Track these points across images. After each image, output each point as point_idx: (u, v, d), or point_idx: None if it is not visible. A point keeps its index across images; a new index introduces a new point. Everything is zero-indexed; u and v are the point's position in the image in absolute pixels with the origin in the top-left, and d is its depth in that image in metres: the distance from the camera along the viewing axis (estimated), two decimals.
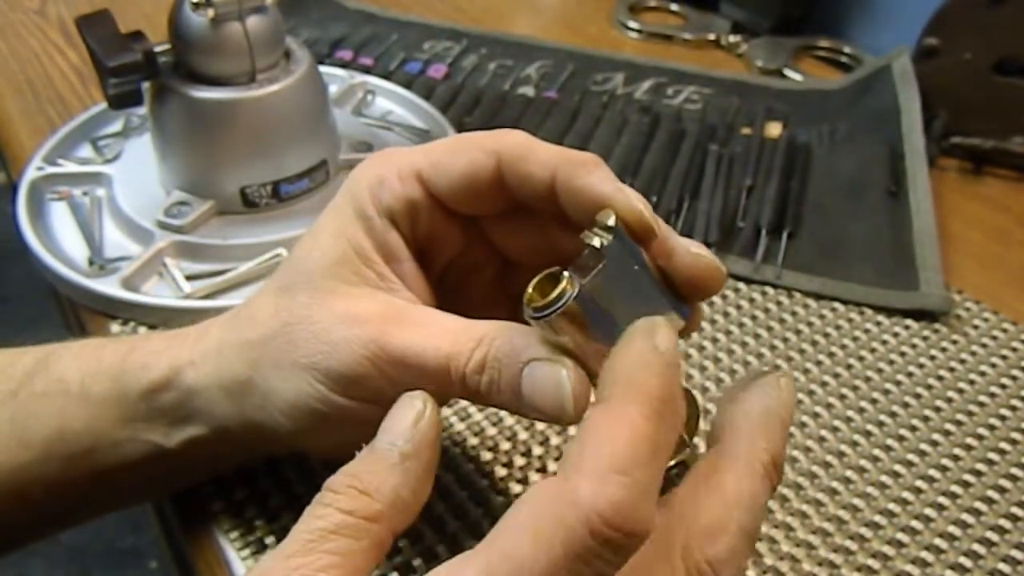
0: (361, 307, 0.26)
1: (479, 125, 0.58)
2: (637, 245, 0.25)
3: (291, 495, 0.34)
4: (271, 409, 0.27)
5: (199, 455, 0.30)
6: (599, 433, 0.21)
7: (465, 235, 0.29)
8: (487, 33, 0.70)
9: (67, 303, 0.45)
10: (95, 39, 0.41)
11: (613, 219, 0.24)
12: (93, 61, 0.42)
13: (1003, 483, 0.36)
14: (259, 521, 0.33)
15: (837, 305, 0.45)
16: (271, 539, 0.33)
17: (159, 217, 0.45)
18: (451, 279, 0.30)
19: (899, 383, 0.41)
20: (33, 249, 0.44)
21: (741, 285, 0.47)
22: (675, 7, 0.76)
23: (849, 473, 0.36)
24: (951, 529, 0.34)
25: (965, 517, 0.35)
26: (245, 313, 0.29)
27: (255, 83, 0.44)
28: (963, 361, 0.42)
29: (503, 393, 0.24)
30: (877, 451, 0.37)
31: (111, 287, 0.41)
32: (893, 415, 0.39)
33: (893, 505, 0.35)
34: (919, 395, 0.40)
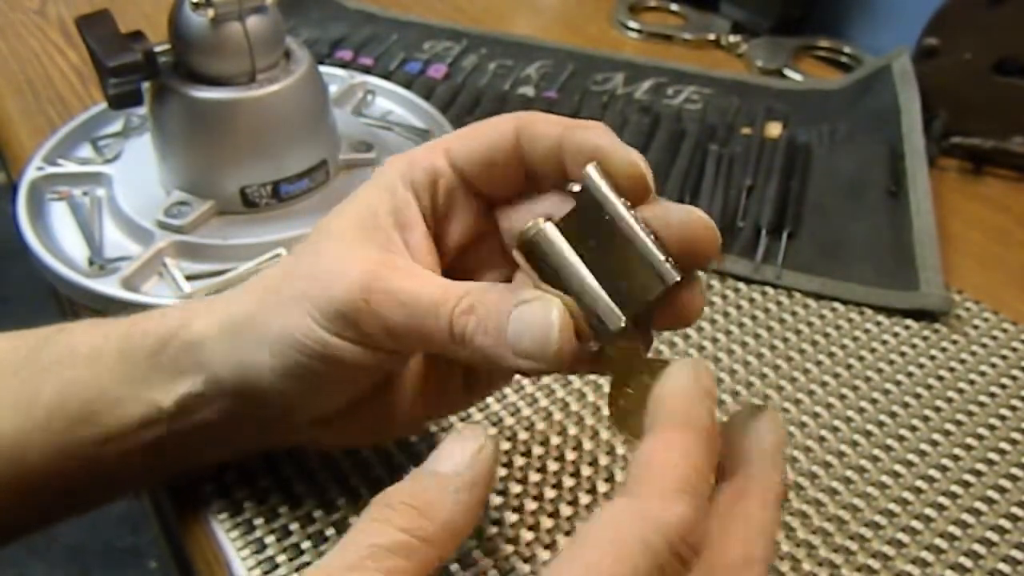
0: (363, 252, 0.27)
1: None
2: (622, 198, 0.24)
3: (290, 495, 0.34)
4: (263, 346, 0.28)
5: (192, 421, 0.30)
6: (664, 456, 0.22)
7: (480, 220, 0.29)
8: (487, 33, 0.70)
9: (67, 303, 0.45)
10: (95, 39, 0.41)
11: (592, 166, 0.25)
12: (93, 61, 0.42)
13: (1003, 483, 0.36)
14: (258, 520, 0.33)
15: (837, 305, 0.45)
16: (271, 538, 0.33)
17: (159, 217, 0.45)
18: (464, 270, 0.30)
19: (899, 383, 0.41)
20: (33, 249, 0.44)
21: (741, 285, 0.47)
22: (675, 7, 0.76)
23: (849, 473, 0.36)
24: (951, 529, 0.34)
25: (965, 517, 0.35)
26: (264, 270, 0.31)
27: (255, 83, 0.44)
28: (963, 361, 0.42)
29: (488, 335, 0.24)
30: (877, 451, 0.37)
31: (111, 287, 0.41)
32: (893, 415, 0.39)
33: (893, 505, 0.35)
34: (919, 395, 0.40)
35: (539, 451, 0.37)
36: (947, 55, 0.57)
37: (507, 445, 0.37)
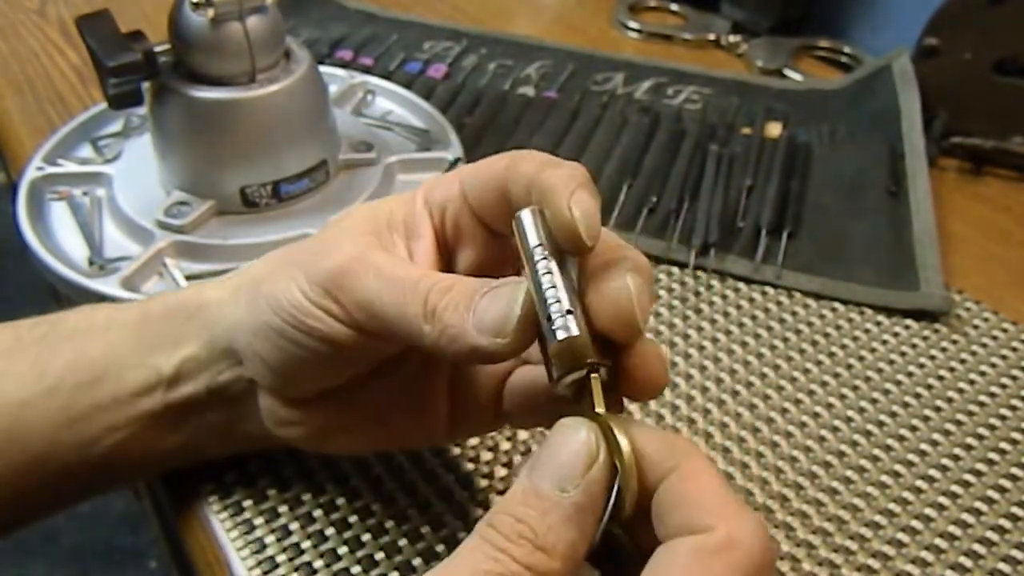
0: (363, 237, 0.28)
1: (479, 125, 0.58)
2: (553, 245, 0.24)
3: (290, 495, 0.34)
4: (253, 308, 0.29)
5: (183, 392, 0.31)
6: (699, 483, 0.22)
7: (488, 251, 0.30)
8: (487, 33, 0.70)
9: (67, 303, 0.45)
10: (95, 39, 0.41)
11: (527, 211, 0.25)
12: (93, 61, 0.42)
13: (1003, 483, 0.36)
14: (258, 520, 0.33)
15: (837, 305, 0.45)
16: (271, 538, 0.33)
17: (159, 217, 0.45)
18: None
19: (899, 383, 0.41)
20: (33, 249, 0.44)
21: (741, 285, 0.47)
22: (675, 7, 0.76)
23: (849, 473, 0.36)
24: (951, 529, 0.34)
25: (965, 517, 0.35)
26: None
27: (255, 83, 0.44)
28: (963, 361, 0.42)
29: (456, 313, 0.24)
30: (877, 451, 0.37)
31: (111, 287, 0.41)
32: (893, 415, 0.39)
33: (893, 505, 0.35)
34: (919, 395, 0.40)
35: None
36: (947, 55, 0.57)
37: (507, 445, 0.37)
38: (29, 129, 0.56)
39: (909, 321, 0.44)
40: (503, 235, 0.29)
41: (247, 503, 0.34)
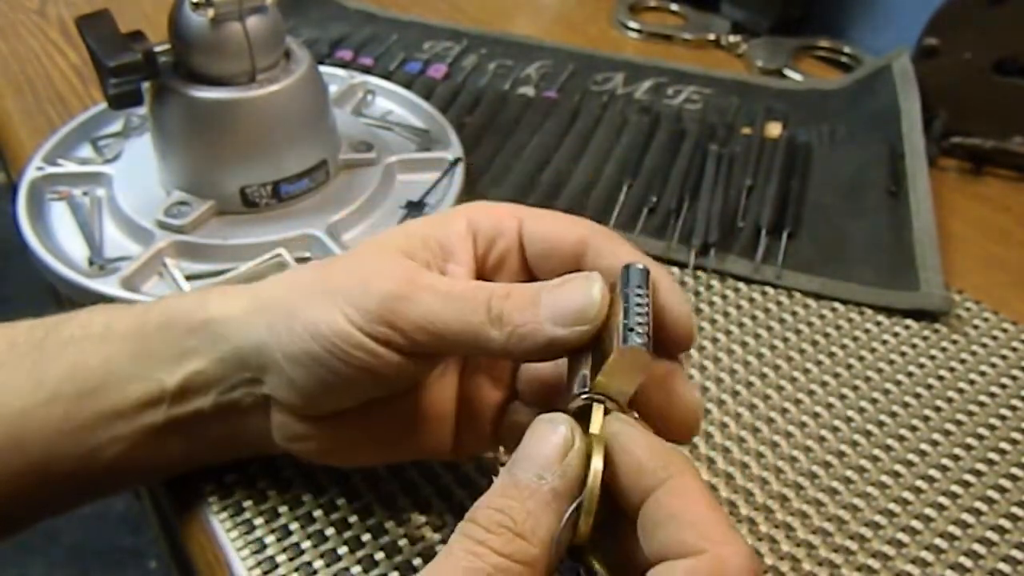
0: (403, 261, 0.28)
1: (479, 125, 0.58)
2: (647, 297, 0.25)
3: (290, 495, 0.34)
4: (280, 328, 0.28)
5: (188, 407, 0.30)
6: (689, 500, 0.22)
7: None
8: (487, 33, 0.70)
9: (67, 303, 0.45)
10: (95, 39, 0.41)
11: (641, 264, 0.26)
12: (93, 61, 0.42)
13: (1003, 483, 0.36)
14: (258, 520, 0.33)
15: (837, 305, 0.45)
16: (271, 538, 0.33)
17: (159, 217, 0.45)
18: (472, 377, 0.31)
19: (899, 383, 0.41)
20: (33, 249, 0.44)
21: (741, 285, 0.47)
22: (675, 7, 0.76)
23: (849, 473, 0.36)
24: (951, 529, 0.34)
25: (965, 517, 0.35)
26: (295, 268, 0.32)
27: (255, 83, 0.44)
28: (963, 361, 0.42)
29: (524, 312, 0.25)
30: (877, 451, 0.37)
31: (111, 287, 0.41)
32: (893, 415, 0.39)
33: (893, 505, 0.35)
34: (919, 395, 0.40)
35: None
36: (947, 55, 0.57)
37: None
38: (29, 129, 0.56)
39: (909, 321, 0.44)
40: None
41: (247, 503, 0.34)
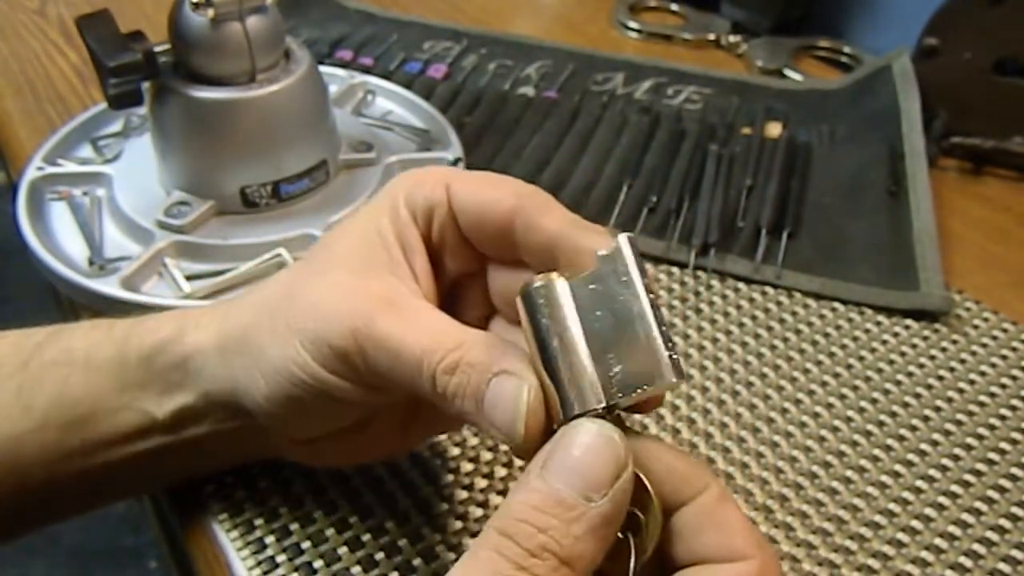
0: (364, 284, 0.26)
1: (479, 125, 0.58)
2: (645, 279, 0.23)
3: (291, 496, 0.34)
4: (255, 371, 0.27)
5: (185, 435, 0.30)
6: (730, 508, 0.23)
7: (470, 261, 0.29)
8: (487, 33, 0.70)
9: (67, 303, 0.45)
10: (95, 39, 0.41)
11: (624, 236, 0.23)
12: (93, 61, 0.42)
13: (1003, 483, 0.36)
14: (258, 521, 0.33)
15: (837, 305, 0.45)
16: (271, 539, 0.33)
17: (159, 217, 0.45)
18: (447, 307, 0.30)
19: (899, 383, 0.41)
20: (33, 249, 0.44)
21: (741, 285, 0.47)
22: (675, 7, 0.76)
23: (849, 473, 0.36)
24: (951, 529, 0.34)
25: (965, 517, 0.35)
26: (263, 281, 0.30)
27: (255, 83, 0.44)
28: (963, 361, 0.42)
29: (467, 399, 0.23)
30: (877, 451, 0.37)
31: (111, 287, 0.41)
32: (893, 415, 0.39)
33: (893, 505, 0.35)
34: (919, 395, 0.40)
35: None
36: (947, 55, 0.57)
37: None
38: (29, 129, 0.56)
39: (909, 321, 0.44)
40: (489, 254, 0.28)
41: (247, 503, 0.34)
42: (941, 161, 0.57)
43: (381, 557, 0.32)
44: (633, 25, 0.73)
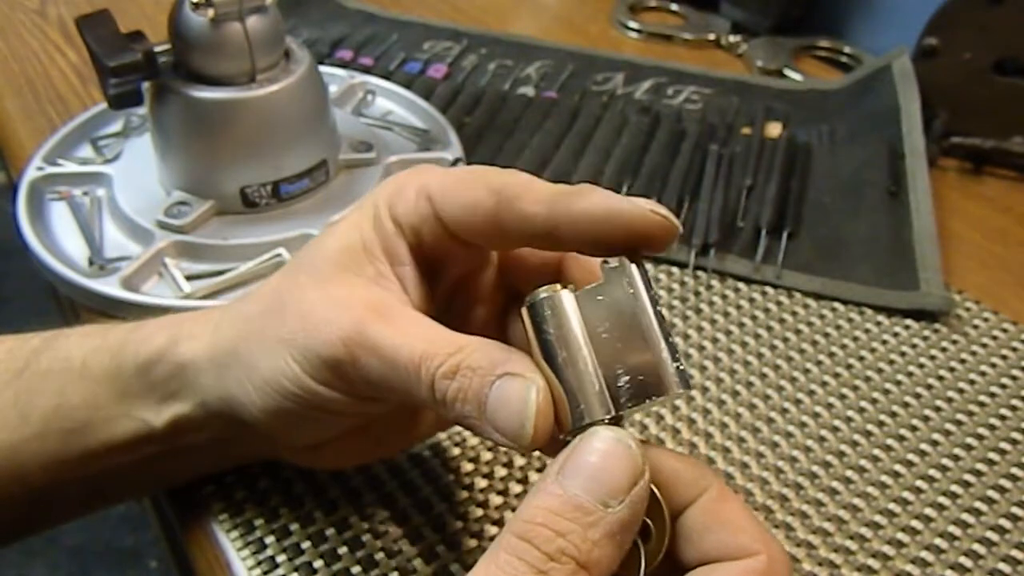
0: (352, 294, 0.26)
1: (479, 125, 0.58)
2: (651, 292, 0.23)
3: (291, 496, 0.34)
4: (248, 385, 0.27)
5: (183, 442, 0.30)
6: (735, 505, 0.23)
7: (475, 259, 0.29)
8: (487, 33, 0.70)
9: (67, 303, 0.45)
10: (95, 39, 0.41)
11: (631, 265, 0.23)
12: (93, 61, 0.42)
13: (1003, 483, 0.36)
14: (258, 521, 0.33)
15: (837, 305, 0.45)
16: (271, 539, 0.33)
17: (159, 217, 0.45)
18: (458, 304, 0.30)
19: (899, 383, 0.41)
20: (33, 249, 0.44)
21: (741, 285, 0.47)
22: (675, 7, 0.76)
23: (849, 473, 0.36)
24: (951, 529, 0.34)
25: (965, 517, 0.35)
26: (251, 292, 0.30)
27: (255, 83, 0.44)
28: (963, 361, 0.42)
29: (468, 403, 0.23)
30: (877, 451, 0.37)
31: (111, 287, 0.41)
32: (893, 415, 0.39)
33: (893, 505, 0.35)
34: (919, 395, 0.40)
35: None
36: (947, 55, 0.57)
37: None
38: (29, 129, 0.56)
39: (909, 321, 0.44)
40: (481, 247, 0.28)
41: (247, 503, 0.34)
42: (941, 161, 0.57)
43: (381, 557, 0.32)
44: (633, 25, 0.73)
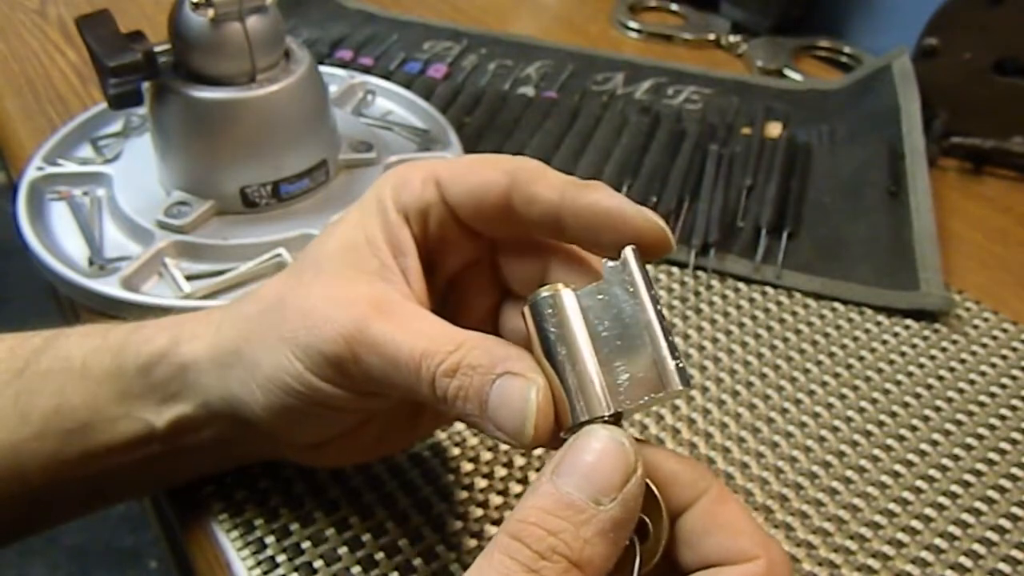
0: (354, 290, 0.26)
1: (479, 125, 0.58)
2: (652, 291, 0.23)
3: (291, 496, 0.34)
4: (251, 383, 0.27)
5: (185, 442, 0.30)
6: (733, 508, 0.23)
7: (474, 250, 0.29)
8: (487, 33, 0.70)
9: (67, 303, 0.45)
10: (95, 39, 0.41)
11: (631, 249, 0.24)
12: (93, 61, 0.42)
13: (1003, 483, 0.36)
14: (258, 521, 0.33)
15: (837, 305, 0.45)
16: (271, 539, 0.33)
17: (159, 217, 0.45)
18: (453, 299, 0.30)
19: (899, 383, 0.41)
20: (33, 249, 0.44)
21: (741, 285, 0.47)
22: (675, 7, 0.76)
23: (849, 473, 0.36)
24: (951, 529, 0.34)
25: (965, 517, 0.35)
26: (252, 292, 0.30)
27: (255, 83, 0.44)
28: (963, 361, 0.42)
29: (469, 402, 0.23)
30: (877, 451, 0.37)
31: (111, 287, 0.41)
32: (893, 415, 0.39)
33: (893, 505, 0.35)
34: (919, 395, 0.40)
35: (539, 451, 0.36)
36: (947, 55, 0.57)
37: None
38: (29, 129, 0.56)
39: (909, 321, 0.44)
40: (497, 238, 0.28)
41: (247, 503, 0.34)
42: (941, 161, 0.57)
43: (381, 557, 0.32)
44: (633, 25, 0.73)
